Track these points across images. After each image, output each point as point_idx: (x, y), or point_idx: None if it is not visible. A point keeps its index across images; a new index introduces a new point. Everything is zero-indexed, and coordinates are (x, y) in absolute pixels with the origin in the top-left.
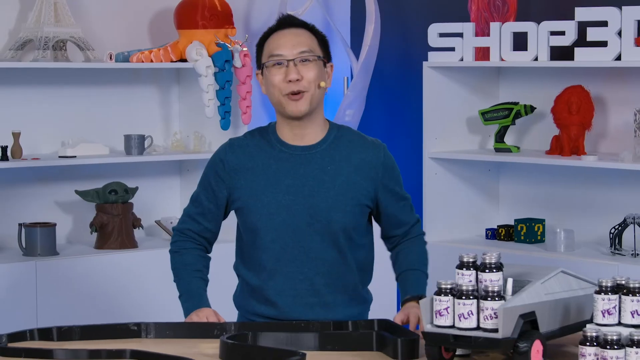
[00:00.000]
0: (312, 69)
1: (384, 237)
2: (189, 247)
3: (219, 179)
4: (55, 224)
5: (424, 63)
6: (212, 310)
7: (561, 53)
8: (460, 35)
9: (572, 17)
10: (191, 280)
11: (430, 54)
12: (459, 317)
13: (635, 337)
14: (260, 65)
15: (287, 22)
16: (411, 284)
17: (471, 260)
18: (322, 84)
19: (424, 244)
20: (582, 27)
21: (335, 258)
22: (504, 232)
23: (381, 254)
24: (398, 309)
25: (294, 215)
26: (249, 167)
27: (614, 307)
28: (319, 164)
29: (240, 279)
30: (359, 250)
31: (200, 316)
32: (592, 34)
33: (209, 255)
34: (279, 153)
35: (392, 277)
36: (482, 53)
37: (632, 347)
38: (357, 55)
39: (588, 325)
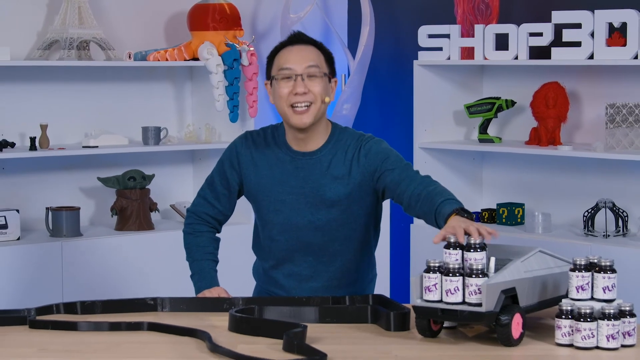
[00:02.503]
0: (318, 84)
1: (405, 208)
2: (203, 230)
3: (233, 168)
4: (79, 208)
5: (415, 62)
6: (223, 289)
7: (539, 52)
8: (447, 36)
9: (549, 20)
10: (204, 262)
11: (420, 53)
12: (446, 293)
13: (607, 311)
14: (269, 77)
15: (296, 38)
16: (446, 206)
17: (457, 241)
18: (327, 99)
19: (435, 183)
20: (558, 28)
21: (336, 249)
22: (487, 215)
23: None
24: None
25: (296, 214)
26: (259, 164)
27: (587, 284)
28: (319, 168)
29: (257, 258)
30: (360, 238)
31: (213, 292)
32: (567, 35)
33: (219, 236)
34: (284, 155)
35: (385, 256)
36: (467, 52)
37: (603, 319)
38: (353, 54)
39: (563, 300)
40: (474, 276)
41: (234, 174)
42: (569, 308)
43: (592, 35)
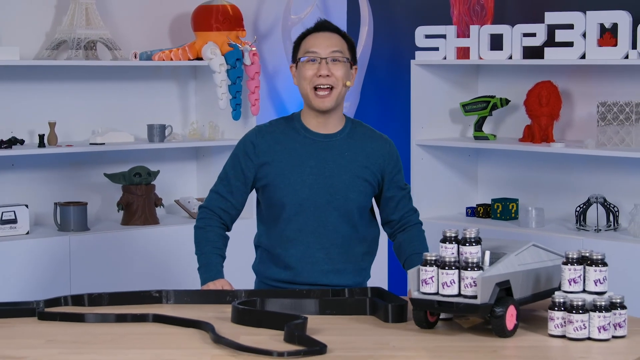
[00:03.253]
0: (341, 68)
1: (384, 222)
2: (214, 225)
3: (248, 159)
4: (86, 203)
5: (412, 61)
6: (226, 281)
7: (532, 52)
8: (443, 36)
9: (542, 21)
10: (211, 256)
11: (417, 53)
12: (443, 285)
13: (598, 303)
14: (294, 60)
15: (323, 25)
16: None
17: (453, 235)
18: (348, 83)
19: (422, 232)
20: (551, 29)
21: (349, 232)
22: (482, 210)
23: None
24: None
25: (315, 193)
26: (277, 149)
27: (579, 277)
28: (338, 150)
29: (261, 250)
30: (369, 227)
31: (217, 284)
32: (560, 35)
33: (228, 234)
34: (303, 139)
35: (383, 250)
36: (463, 52)
37: (594, 311)
38: None
39: (556, 292)
40: (469, 269)
41: (250, 164)
42: (562, 300)
43: (584, 35)
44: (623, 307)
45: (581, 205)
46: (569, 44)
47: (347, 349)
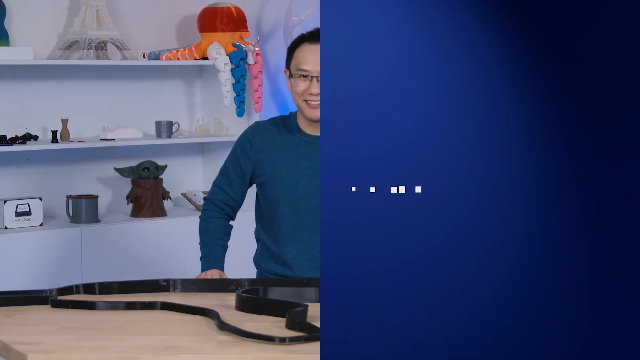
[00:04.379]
0: None
1: None
2: (216, 216)
3: (246, 155)
4: (97, 196)
5: None
6: (218, 271)
7: None
8: None
9: None
10: (212, 246)
11: None
12: None
13: None
14: (288, 66)
15: (316, 36)
16: None
17: None
18: None
19: None
20: None
21: None
22: None
23: None
24: None
25: (310, 194)
26: (273, 148)
27: None
28: None
29: (261, 243)
30: None
31: (207, 275)
32: None
33: (232, 223)
34: (298, 140)
35: None
36: None
37: None
38: None
39: None
40: None
41: (247, 161)
42: None
43: None
44: None
45: None
46: None
47: None
